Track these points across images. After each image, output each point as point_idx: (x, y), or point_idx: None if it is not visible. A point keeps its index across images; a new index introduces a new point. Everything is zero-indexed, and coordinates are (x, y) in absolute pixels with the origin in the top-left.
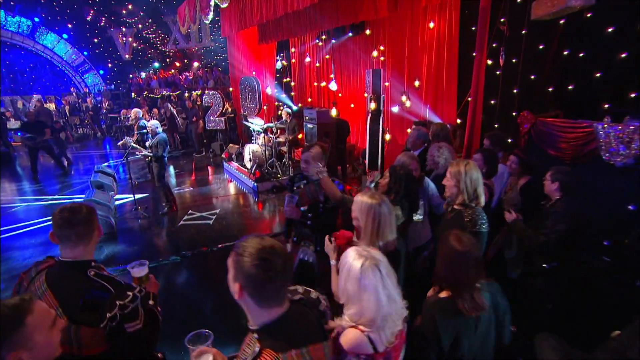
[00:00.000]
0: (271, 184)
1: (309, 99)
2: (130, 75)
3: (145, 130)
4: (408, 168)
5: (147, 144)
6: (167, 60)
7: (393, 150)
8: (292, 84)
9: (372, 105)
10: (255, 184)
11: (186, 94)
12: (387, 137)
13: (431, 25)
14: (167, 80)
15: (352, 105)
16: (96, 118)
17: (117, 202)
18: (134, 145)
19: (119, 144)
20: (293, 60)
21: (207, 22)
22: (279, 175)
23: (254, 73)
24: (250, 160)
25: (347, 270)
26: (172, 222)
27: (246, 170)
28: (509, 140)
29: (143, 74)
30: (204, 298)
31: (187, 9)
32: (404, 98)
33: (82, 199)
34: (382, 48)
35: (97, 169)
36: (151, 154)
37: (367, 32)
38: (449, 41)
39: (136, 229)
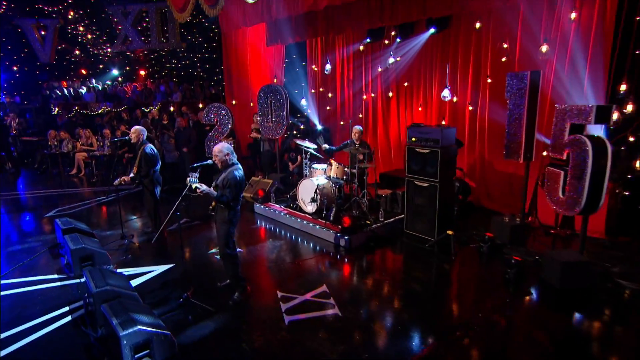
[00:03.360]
0: (365, 235)
1: (360, 115)
2: (45, 85)
3: (209, 161)
4: None
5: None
6: (100, 66)
7: None
8: (330, 95)
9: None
10: (346, 236)
11: (150, 110)
12: None
13: (572, 15)
14: (106, 93)
15: (443, 122)
16: (4, 143)
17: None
18: (203, 187)
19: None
20: (314, 67)
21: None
22: (368, 221)
23: (275, 80)
24: (315, 201)
25: None
26: (268, 319)
27: (307, 214)
28: None
29: (65, 84)
30: None
31: None
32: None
33: (81, 281)
34: (505, 46)
35: (65, 224)
36: (221, 199)
37: (477, 25)
38: (597, 36)
39: (210, 347)
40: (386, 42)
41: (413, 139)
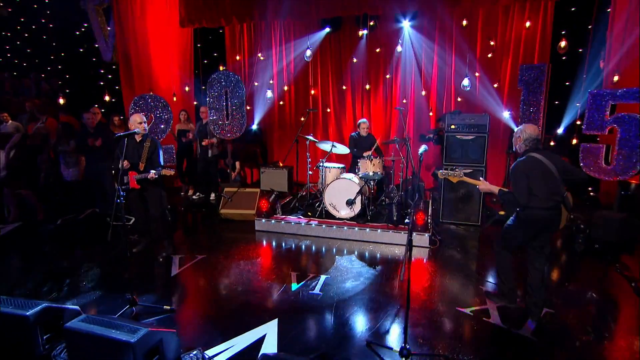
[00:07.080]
0: (427, 233)
1: (328, 110)
2: None
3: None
4: None
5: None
6: None
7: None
8: (285, 88)
9: None
10: (426, 234)
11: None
12: None
13: (527, 24)
14: None
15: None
16: None
17: None
18: None
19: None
20: (260, 56)
21: None
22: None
23: (222, 68)
24: (353, 203)
25: None
26: None
27: (344, 220)
28: None
29: None
30: None
31: None
32: None
33: None
34: (492, 43)
35: (29, 307)
36: None
37: (464, 22)
38: (542, 42)
39: None
40: (361, 32)
41: (452, 126)
